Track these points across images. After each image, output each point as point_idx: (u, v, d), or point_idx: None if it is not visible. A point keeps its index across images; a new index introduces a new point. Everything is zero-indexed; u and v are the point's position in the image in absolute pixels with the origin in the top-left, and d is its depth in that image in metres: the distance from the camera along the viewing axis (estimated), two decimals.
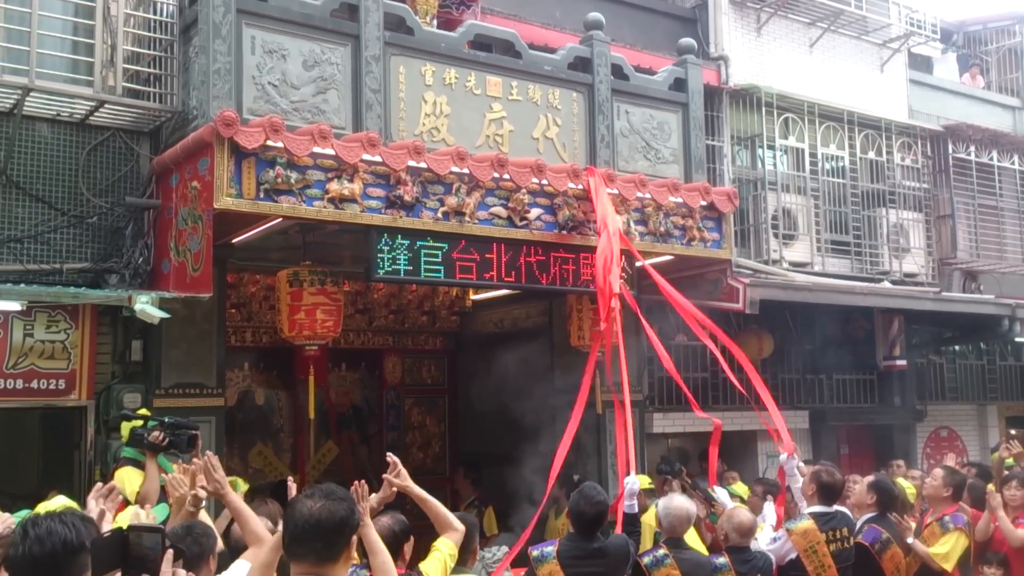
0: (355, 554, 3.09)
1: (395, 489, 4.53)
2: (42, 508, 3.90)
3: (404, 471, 4.52)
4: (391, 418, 11.56)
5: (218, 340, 7.50)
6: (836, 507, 6.14)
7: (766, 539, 5.93)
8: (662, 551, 5.30)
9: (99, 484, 3.68)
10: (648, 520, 7.78)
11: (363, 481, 4.15)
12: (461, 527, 4.52)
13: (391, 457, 4.57)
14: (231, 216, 6.38)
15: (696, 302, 9.04)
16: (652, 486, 8.14)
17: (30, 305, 6.60)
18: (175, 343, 7.20)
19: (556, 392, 9.80)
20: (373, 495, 4.48)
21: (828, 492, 6.09)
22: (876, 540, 6.15)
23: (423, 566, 4.42)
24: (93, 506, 3.66)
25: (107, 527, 2.97)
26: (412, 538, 4.51)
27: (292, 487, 4.35)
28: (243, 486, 5.89)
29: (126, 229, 7.12)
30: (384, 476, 4.54)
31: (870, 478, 6.67)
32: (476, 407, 11.36)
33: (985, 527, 6.86)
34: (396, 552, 4.36)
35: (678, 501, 5.56)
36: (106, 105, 6.88)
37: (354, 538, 2.97)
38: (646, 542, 7.50)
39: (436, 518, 4.53)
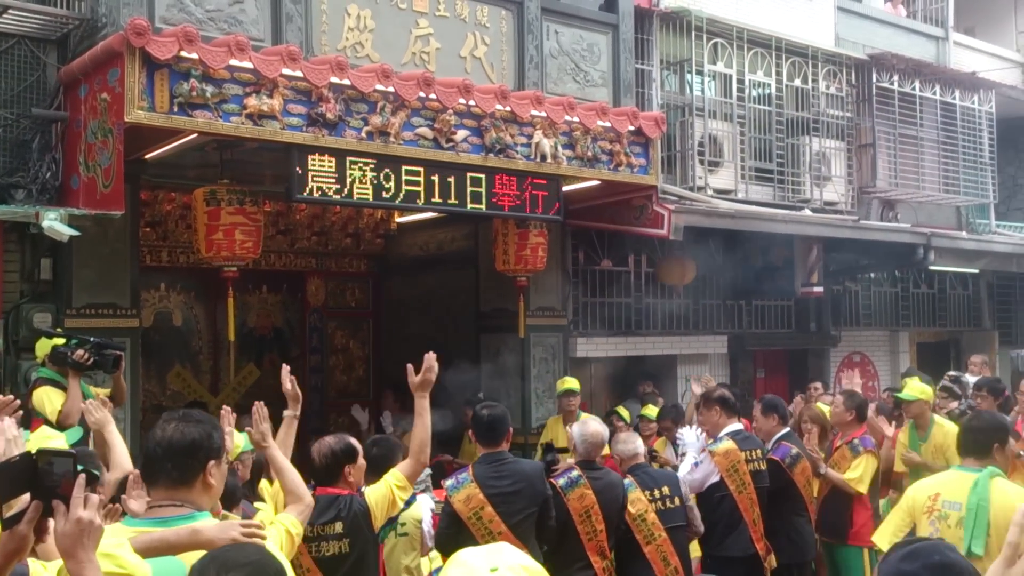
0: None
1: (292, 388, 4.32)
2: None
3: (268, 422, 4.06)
4: (314, 341, 11.46)
5: (132, 259, 7.29)
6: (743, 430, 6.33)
7: (686, 467, 6.01)
8: (575, 472, 5.35)
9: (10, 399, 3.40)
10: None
11: (261, 402, 4.02)
12: (309, 499, 3.84)
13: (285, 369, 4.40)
14: (143, 130, 6.13)
15: (621, 228, 9.11)
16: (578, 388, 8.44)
17: None
18: (86, 262, 6.98)
19: (481, 316, 9.81)
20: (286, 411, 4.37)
21: (726, 404, 6.32)
22: (786, 455, 6.38)
23: (367, 491, 4.33)
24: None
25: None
26: (360, 460, 4.34)
27: (229, 415, 4.22)
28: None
29: (32, 142, 6.84)
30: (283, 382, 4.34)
31: (760, 402, 6.92)
32: (401, 331, 11.32)
33: (887, 454, 7.10)
34: (336, 473, 4.25)
35: (593, 426, 5.60)
36: (10, 11, 6.56)
37: (213, 465, 2.85)
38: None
39: (285, 486, 3.90)
